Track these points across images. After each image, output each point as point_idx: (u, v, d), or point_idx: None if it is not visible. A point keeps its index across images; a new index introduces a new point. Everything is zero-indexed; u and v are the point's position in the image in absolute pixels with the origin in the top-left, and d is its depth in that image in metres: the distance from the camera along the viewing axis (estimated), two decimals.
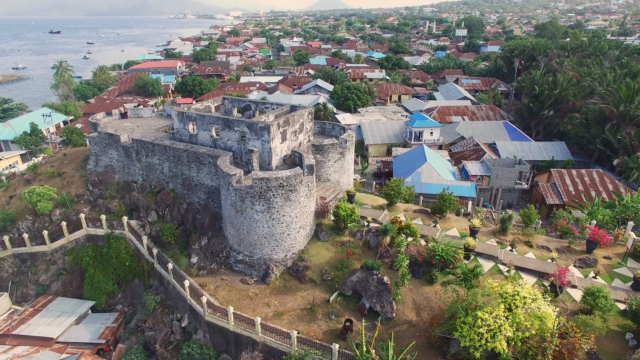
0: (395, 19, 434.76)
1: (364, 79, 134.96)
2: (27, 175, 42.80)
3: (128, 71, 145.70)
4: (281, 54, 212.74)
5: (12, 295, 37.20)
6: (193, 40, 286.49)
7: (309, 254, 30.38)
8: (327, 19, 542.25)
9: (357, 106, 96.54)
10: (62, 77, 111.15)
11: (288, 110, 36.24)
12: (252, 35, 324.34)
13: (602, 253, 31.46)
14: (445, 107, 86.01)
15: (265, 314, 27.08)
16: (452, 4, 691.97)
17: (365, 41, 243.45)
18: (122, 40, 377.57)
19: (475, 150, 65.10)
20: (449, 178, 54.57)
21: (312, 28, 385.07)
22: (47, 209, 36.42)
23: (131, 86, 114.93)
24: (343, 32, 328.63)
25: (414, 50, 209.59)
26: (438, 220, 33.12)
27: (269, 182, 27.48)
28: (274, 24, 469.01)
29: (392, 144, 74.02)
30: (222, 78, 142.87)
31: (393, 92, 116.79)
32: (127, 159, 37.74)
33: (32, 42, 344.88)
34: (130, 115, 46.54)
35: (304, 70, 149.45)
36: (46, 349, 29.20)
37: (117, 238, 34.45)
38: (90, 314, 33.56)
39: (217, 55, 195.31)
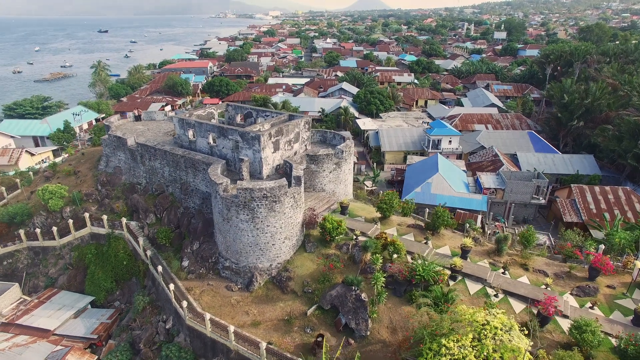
0: (433, 21, 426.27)
1: (392, 83, 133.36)
2: (47, 172, 45.44)
3: (161, 70, 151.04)
4: (313, 55, 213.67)
5: (25, 285, 39.71)
6: (229, 40, 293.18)
7: (293, 265, 30.49)
8: (364, 20, 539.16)
9: (379, 111, 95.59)
10: (99, 76, 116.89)
11: (285, 119, 36.49)
12: (287, 35, 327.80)
13: (606, 281, 29.65)
14: (468, 115, 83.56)
15: (243, 322, 27.47)
16: (494, 5, 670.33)
17: (399, 43, 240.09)
18: (163, 39, 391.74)
19: (493, 161, 62.86)
20: (460, 190, 53.04)
21: (347, 29, 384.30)
22: (58, 206, 38.56)
23: (161, 86, 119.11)
24: (378, 33, 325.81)
25: (448, 53, 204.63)
26: (429, 236, 32.29)
27: (253, 192, 27.82)
28: (311, 24, 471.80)
29: (409, 151, 72.74)
30: (250, 79, 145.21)
31: (419, 97, 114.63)
32: (133, 161, 39.29)
33: (82, 41, 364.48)
34: (144, 117, 48.36)
35: (332, 72, 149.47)
36: (43, 340, 30.97)
37: (116, 238, 36.01)
38: (89, 308, 35.26)
39: (250, 55, 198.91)
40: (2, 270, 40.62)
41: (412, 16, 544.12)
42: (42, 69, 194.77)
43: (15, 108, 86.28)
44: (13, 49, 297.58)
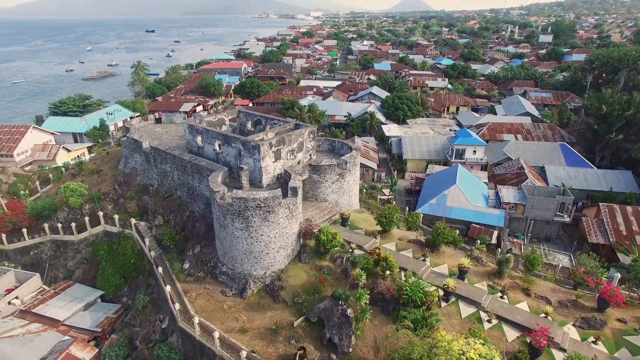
0: (476, 23, 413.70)
1: (424, 88, 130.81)
2: (74, 170, 48.26)
3: (197, 71, 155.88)
4: (349, 58, 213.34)
5: (47, 275, 42.47)
6: (267, 41, 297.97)
7: (287, 274, 30.75)
8: (405, 22, 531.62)
9: (406, 117, 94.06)
10: (138, 76, 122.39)
11: (291, 128, 36.81)
12: (325, 36, 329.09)
13: (617, 314, 27.84)
14: (497, 124, 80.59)
15: (231, 327, 28.05)
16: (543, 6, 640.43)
17: (437, 46, 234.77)
18: (206, 38, 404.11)
19: (517, 174, 60.31)
20: (477, 203, 51.32)
21: (387, 30, 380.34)
22: (77, 203, 40.93)
23: (195, 86, 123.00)
24: (418, 35, 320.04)
25: (488, 57, 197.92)
26: (428, 254, 31.53)
27: (247, 202, 28.32)
28: (350, 26, 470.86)
29: (432, 160, 71.19)
30: (283, 81, 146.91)
31: (451, 103, 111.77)
32: (147, 163, 40.99)
33: (129, 41, 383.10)
34: (164, 120, 50.28)
35: (364, 75, 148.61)
36: (53, 330, 33.00)
37: (126, 237, 37.74)
38: (98, 302, 37.19)
39: (285, 56, 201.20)
40: (29, 259, 43.66)
41: (455, 18, 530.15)
42: (91, 67, 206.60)
43: (59, 106, 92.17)
44: (69, 48, 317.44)
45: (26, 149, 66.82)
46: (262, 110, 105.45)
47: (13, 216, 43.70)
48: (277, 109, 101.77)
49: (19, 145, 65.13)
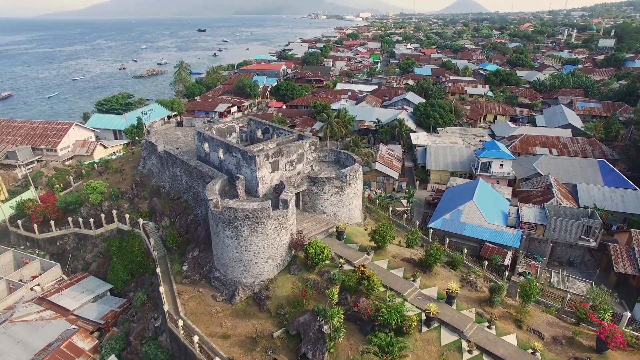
0: (530, 26, 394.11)
1: (463, 94, 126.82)
2: (100, 167, 51.53)
3: (238, 71, 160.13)
4: (390, 61, 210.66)
5: (69, 266, 45.76)
6: (311, 42, 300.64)
7: (275, 285, 31.24)
8: (455, 24, 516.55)
9: (438, 125, 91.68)
10: (180, 76, 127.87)
11: (294, 138, 37.23)
12: (370, 39, 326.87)
13: (619, 357, 25.91)
14: (530, 136, 76.61)
15: (215, 332, 28.96)
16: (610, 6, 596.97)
17: (484, 51, 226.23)
18: (253, 38, 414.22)
19: (543, 192, 57.12)
20: (494, 221, 49.22)
21: (435, 33, 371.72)
22: (97, 200, 43.78)
23: (232, 87, 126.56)
24: (466, 39, 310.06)
25: (537, 63, 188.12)
26: (418, 274, 30.79)
27: (236, 212, 29.11)
28: (398, 27, 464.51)
29: (456, 171, 68.99)
30: (320, 83, 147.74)
31: (488, 112, 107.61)
32: (161, 166, 43.04)
33: (181, 40, 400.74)
34: (185, 124, 52.48)
35: (402, 80, 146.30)
36: (62, 318, 35.59)
37: (134, 236, 39.89)
38: (107, 295, 39.62)
39: (326, 59, 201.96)
40: (55, 249, 47.28)
41: (509, 20, 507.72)
42: (143, 65, 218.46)
43: (104, 103, 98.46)
44: (126, 47, 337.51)
45: (68, 145, 72.13)
46: (294, 113, 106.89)
47: (44, 208, 47.44)
48: (309, 112, 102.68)
49: (62, 140, 70.43)
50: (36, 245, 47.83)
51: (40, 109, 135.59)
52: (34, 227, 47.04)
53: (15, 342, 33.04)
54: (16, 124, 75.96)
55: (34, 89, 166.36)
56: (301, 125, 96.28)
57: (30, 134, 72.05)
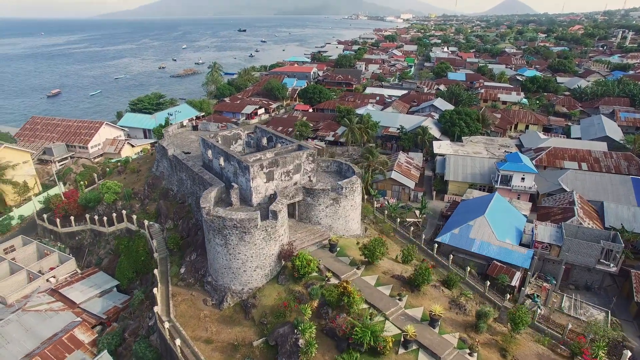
0: (580, 28, 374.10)
1: (495, 102, 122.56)
2: (120, 167, 54.14)
3: (269, 73, 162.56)
4: (425, 65, 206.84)
5: (85, 260, 48.44)
6: (347, 44, 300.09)
7: (262, 293, 31.74)
8: (499, 26, 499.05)
9: (463, 134, 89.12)
10: (212, 76, 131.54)
11: (293, 149, 37.57)
12: (407, 41, 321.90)
13: None
14: (559, 149, 72.95)
15: (199, 336, 29.85)
16: None
17: (525, 55, 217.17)
18: (291, 39, 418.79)
19: (564, 210, 54.32)
20: (504, 239, 47.40)
21: (476, 36, 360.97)
22: (111, 199, 46.07)
23: (261, 89, 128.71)
24: (507, 42, 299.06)
25: (582, 68, 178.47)
26: (404, 293, 30.28)
27: (225, 221, 29.85)
28: (438, 30, 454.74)
29: (475, 183, 66.91)
30: (349, 87, 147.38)
31: (520, 121, 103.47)
32: (171, 169, 44.70)
33: (221, 40, 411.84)
34: (200, 128, 54.13)
35: (434, 85, 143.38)
36: (69, 310, 37.81)
37: (140, 236, 41.67)
38: (114, 291, 41.64)
39: (359, 61, 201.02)
40: (74, 243, 50.21)
41: (557, 22, 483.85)
42: (181, 65, 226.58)
43: (137, 103, 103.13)
44: (168, 46, 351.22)
45: (99, 143, 76.22)
46: (319, 117, 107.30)
47: (66, 204, 50.48)
48: (334, 117, 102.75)
49: (93, 139, 74.52)
50: (58, 238, 50.99)
51: (83, 106, 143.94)
52: (56, 221, 50.15)
53: (25, 330, 35.46)
54: (54, 121, 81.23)
55: (80, 86, 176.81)
56: (324, 129, 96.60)
57: (65, 131, 76.83)
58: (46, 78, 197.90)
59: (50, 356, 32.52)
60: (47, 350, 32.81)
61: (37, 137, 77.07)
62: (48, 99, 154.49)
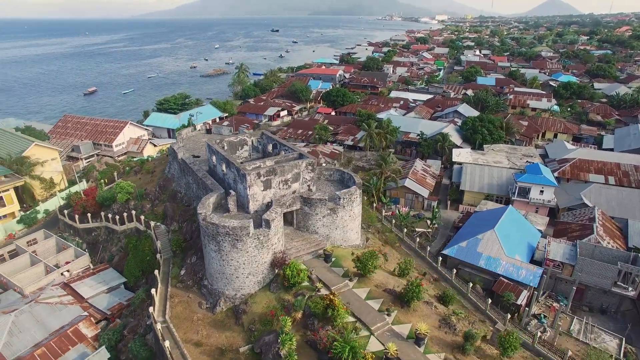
0: (629, 29, 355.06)
1: (524, 108, 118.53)
2: (136, 167, 56.20)
3: (295, 74, 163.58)
4: (455, 68, 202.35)
5: (99, 255, 50.63)
6: (378, 45, 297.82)
7: (253, 300, 32.21)
8: (537, 28, 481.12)
9: (485, 141, 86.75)
10: (238, 77, 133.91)
11: (294, 157, 37.83)
12: (439, 43, 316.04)
13: None
14: (585, 161, 69.67)
15: (189, 339, 30.67)
16: None
17: (561, 59, 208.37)
18: (322, 40, 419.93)
19: (583, 226, 51.91)
20: (514, 255, 45.87)
21: (512, 38, 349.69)
22: (123, 199, 47.93)
23: (285, 90, 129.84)
24: (545, 45, 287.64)
25: (625, 73, 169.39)
26: (392, 308, 29.90)
27: (218, 228, 30.52)
28: (472, 32, 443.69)
29: (491, 194, 65.03)
30: (374, 90, 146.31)
31: (548, 129, 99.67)
32: (180, 172, 46.02)
33: (253, 40, 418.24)
34: (213, 131, 55.37)
35: (461, 90, 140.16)
36: (78, 305, 39.69)
37: (147, 236, 43.13)
38: (121, 288, 43.33)
39: (388, 64, 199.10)
40: (91, 239, 52.58)
41: (604, 23, 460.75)
42: (212, 65, 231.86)
43: (163, 103, 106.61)
44: (202, 46, 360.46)
45: (123, 141, 79.39)
46: (340, 121, 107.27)
47: (85, 201, 52.94)
48: (355, 120, 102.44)
49: (117, 137, 77.70)
50: (77, 233, 53.56)
51: (116, 104, 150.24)
52: (75, 217, 52.68)
53: (36, 321, 37.53)
54: (83, 120, 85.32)
55: (116, 84, 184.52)
56: (343, 133, 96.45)
57: (93, 130, 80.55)
58: (85, 76, 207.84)
59: (55, 348, 34.28)
60: (52, 342, 34.62)
61: (68, 135, 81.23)
62: (85, 97, 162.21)
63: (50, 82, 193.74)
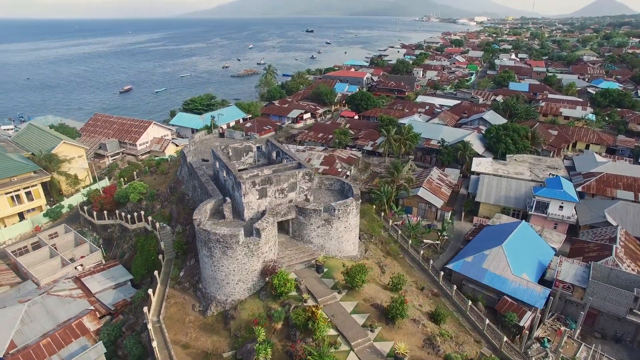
0: None
1: (556, 116, 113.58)
2: (152, 167, 58.31)
3: (323, 77, 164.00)
4: (488, 73, 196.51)
5: (113, 251, 52.97)
6: (410, 48, 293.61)
7: (243, 306, 32.79)
8: (584, 29, 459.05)
9: (508, 151, 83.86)
10: (265, 79, 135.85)
11: (292, 166, 38.12)
12: (475, 46, 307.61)
13: None
14: (612, 175, 66.00)
15: (178, 340, 31.61)
16: None
17: (604, 64, 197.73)
18: (356, 41, 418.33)
19: (602, 247, 49.26)
20: (520, 273, 44.23)
21: (553, 41, 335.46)
22: (135, 199, 49.89)
23: (310, 93, 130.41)
24: (589, 48, 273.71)
25: None
26: (376, 325, 29.59)
27: (209, 234, 31.32)
28: (511, 34, 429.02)
29: (508, 207, 62.91)
30: (401, 94, 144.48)
31: (579, 139, 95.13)
32: (189, 175, 47.40)
33: (287, 40, 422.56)
34: (226, 135, 56.62)
35: (491, 96, 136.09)
36: (85, 299, 41.77)
37: (153, 236, 44.70)
38: (128, 285, 45.15)
39: (418, 67, 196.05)
40: (107, 235, 55.09)
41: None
42: (244, 65, 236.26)
43: (190, 103, 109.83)
44: (236, 46, 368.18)
45: (146, 141, 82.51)
46: (362, 125, 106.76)
47: (103, 199, 55.51)
48: (376, 125, 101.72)
49: (141, 137, 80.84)
50: (95, 229, 56.26)
51: (147, 102, 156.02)
52: (93, 213, 55.36)
53: (47, 312, 39.80)
54: (112, 119, 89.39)
55: (150, 83, 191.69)
56: (363, 138, 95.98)
57: (119, 129, 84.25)
58: (123, 74, 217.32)
59: (59, 339, 36.22)
60: (57, 333, 36.57)
61: (97, 133, 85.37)
62: (120, 95, 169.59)
63: (92, 80, 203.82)
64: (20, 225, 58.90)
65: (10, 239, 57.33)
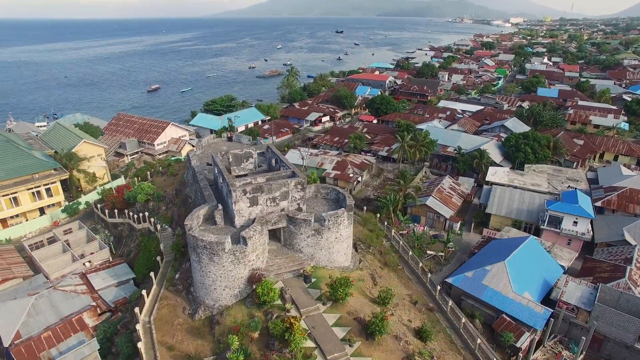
0: None
1: (585, 124, 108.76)
2: (163, 168, 59.99)
3: (345, 79, 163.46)
4: (517, 77, 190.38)
5: (121, 249, 54.87)
6: (440, 50, 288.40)
7: (228, 312, 33.31)
8: (629, 31, 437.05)
9: (527, 161, 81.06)
10: (287, 81, 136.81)
11: (287, 175, 38.31)
12: (507, 49, 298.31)
13: None
14: (636, 191, 62.54)
15: (164, 342, 32.48)
16: None
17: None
18: (385, 42, 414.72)
19: (615, 267, 46.86)
20: (522, 292, 42.73)
21: (592, 44, 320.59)
22: (142, 199, 51.49)
23: (330, 96, 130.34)
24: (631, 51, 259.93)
25: None
26: (354, 340, 29.36)
27: (197, 241, 32.00)
28: (547, 37, 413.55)
29: (520, 220, 60.79)
30: (423, 98, 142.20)
31: (607, 150, 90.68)
32: (192, 179, 48.50)
33: (316, 41, 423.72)
34: (234, 139, 57.53)
35: (517, 102, 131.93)
36: (89, 295, 43.51)
37: (154, 237, 45.97)
38: (130, 283, 46.65)
39: (444, 70, 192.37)
40: (117, 233, 57.11)
41: None
42: (271, 65, 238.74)
43: (210, 104, 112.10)
44: (264, 46, 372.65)
45: (164, 141, 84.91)
46: (379, 130, 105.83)
47: (114, 198, 57.60)
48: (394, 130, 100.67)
49: (159, 137, 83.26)
50: (107, 227, 58.47)
51: (173, 102, 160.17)
52: (105, 211, 57.55)
53: (51, 306, 41.74)
54: (133, 119, 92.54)
55: (177, 82, 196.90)
56: (379, 143, 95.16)
57: (139, 128, 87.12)
58: (153, 73, 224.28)
59: (59, 333, 37.97)
60: (58, 327, 38.35)
61: (118, 132, 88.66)
62: (147, 94, 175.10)
63: (125, 78, 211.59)
64: (40, 220, 61.90)
65: (30, 232, 60.37)
